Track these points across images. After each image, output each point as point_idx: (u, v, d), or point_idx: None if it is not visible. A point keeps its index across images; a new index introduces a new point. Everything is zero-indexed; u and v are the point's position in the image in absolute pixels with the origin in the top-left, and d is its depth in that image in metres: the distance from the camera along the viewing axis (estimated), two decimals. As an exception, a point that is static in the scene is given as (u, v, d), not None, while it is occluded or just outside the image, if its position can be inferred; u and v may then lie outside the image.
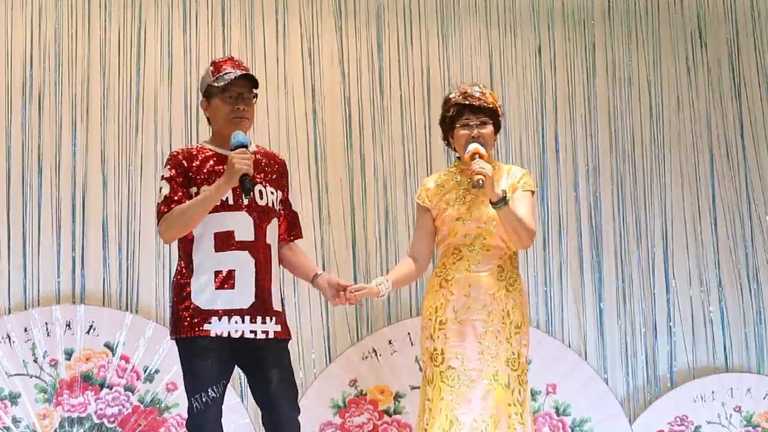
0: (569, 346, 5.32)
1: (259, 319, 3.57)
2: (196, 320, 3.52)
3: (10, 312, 4.89)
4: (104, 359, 4.88)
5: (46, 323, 4.85)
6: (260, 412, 3.66)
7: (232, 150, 3.52)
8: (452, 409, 3.86)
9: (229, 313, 3.53)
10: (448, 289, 3.96)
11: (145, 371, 4.90)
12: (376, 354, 5.15)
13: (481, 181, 3.79)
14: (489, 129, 4.01)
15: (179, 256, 3.67)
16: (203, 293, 3.54)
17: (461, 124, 4.01)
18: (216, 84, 3.64)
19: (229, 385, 3.67)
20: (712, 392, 5.35)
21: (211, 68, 3.72)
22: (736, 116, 5.72)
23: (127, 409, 4.87)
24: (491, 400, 3.87)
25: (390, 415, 5.12)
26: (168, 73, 5.22)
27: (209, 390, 3.50)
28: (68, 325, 4.87)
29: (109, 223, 5.06)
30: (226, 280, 3.54)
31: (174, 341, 3.64)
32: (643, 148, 5.65)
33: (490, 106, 4.01)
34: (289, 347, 3.74)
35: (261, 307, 3.58)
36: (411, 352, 5.15)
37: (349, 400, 5.09)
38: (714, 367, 5.49)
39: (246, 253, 3.58)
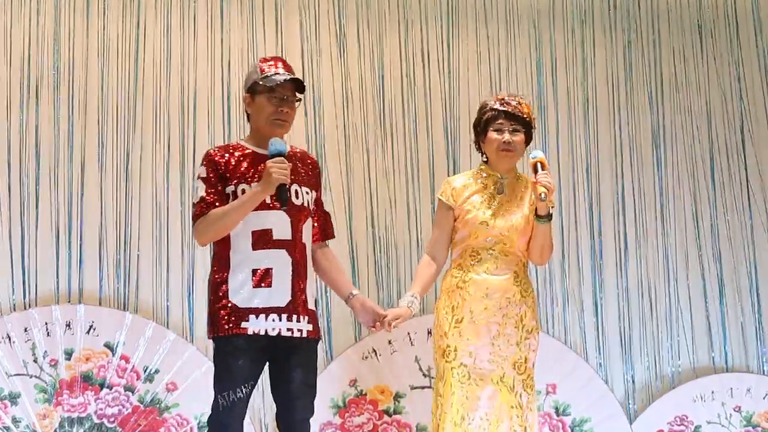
0: (569, 346, 5.32)
1: (294, 317, 3.57)
2: (233, 318, 3.52)
3: (10, 312, 4.88)
4: (104, 359, 4.88)
5: (46, 323, 4.85)
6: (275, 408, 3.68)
7: (270, 158, 3.53)
8: (462, 404, 3.92)
9: (267, 311, 3.53)
10: (465, 290, 4.02)
11: (145, 371, 4.90)
12: (376, 354, 5.15)
13: (544, 195, 3.87)
14: (521, 137, 4.07)
15: (213, 255, 3.67)
16: (241, 291, 3.54)
17: (494, 128, 4.07)
18: (263, 83, 3.64)
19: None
20: (712, 392, 5.36)
21: (260, 65, 3.70)
22: (736, 114, 5.72)
23: (127, 409, 4.87)
24: (496, 400, 3.94)
25: (390, 415, 5.13)
26: (167, 73, 5.22)
27: (238, 389, 3.51)
28: (68, 325, 4.87)
29: (108, 223, 5.06)
30: (263, 278, 3.55)
31: (211, 339, 3.63)
32: (644, 148, 5.65)
33: (525, 116, 4.07)
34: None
35: (297, 305, 3.59)
36: (411, 352, 5.15)
37: (349, 400, 5.09)
38: (714, 367, 5.49)
39: (283, 251, 3.58)
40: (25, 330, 4.84)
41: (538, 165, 3.95)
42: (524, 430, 3.95)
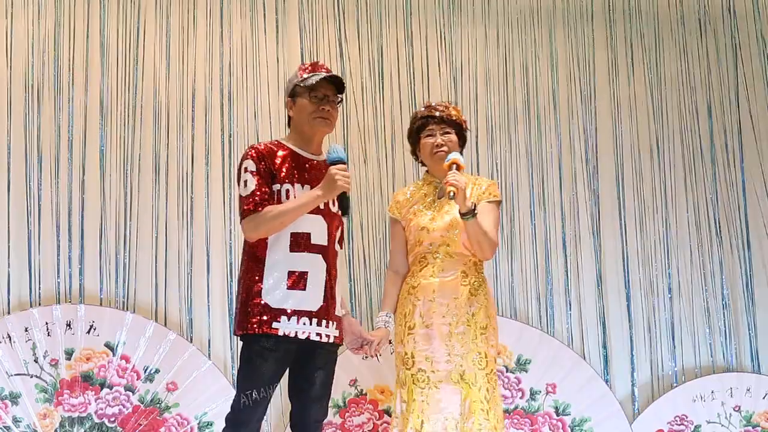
0: (569, 346, 5.32)
1: (324, 322, 3.62)
2: (265, 318, 3.54)
3: (10, 312, 4.89)
4: (104, 359, 4.88)
5: (47, 323, 4.86)
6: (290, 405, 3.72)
7: (330, 164, 3.56)
8: (423, 410, 4.02)
9: (299, 313, 3.56)
10: (414, 296, 4.14)
11: (145, 371, 4.90)
12: (377, 356, 5.14)
13: (452, 193, 3.95)
14: (452, 137, 4.20)
15: (245, 253, 3.68)
16: (275, 292, 3.56)
17: (426, 134, 4.23)
18: (303, 84, 3.67)
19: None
20: (712, 392, 5.35)
21: (299, 70, 3.76)
22: (734, 112, 5.73)
23: (127, 409, 4.87)
24: (459, 398, 4.02)
25: (390, 415, 5.12)
26: (167, 74, 5.23)
27: (262, 389, 3.53)
28: (68, 324, 4.87)
29: (109, 223, 5.07)
30: (298, 281, 3.58)
31: (238, 336, 3.65)
32: (644, 147, 5.65)
33: (453, 118, 4.22)
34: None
35: (328, 310, 3.63)
36: (411, 352, 5.16)
37: (349, 400, 5.09)
38: (714, 367, 5.49)
39: (319, 256, 3.62)
40: (26, 330, 4.84)
41: (454, 166, 4.04)
42: (489, 423, 4.03)
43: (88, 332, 4.89)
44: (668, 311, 5.52)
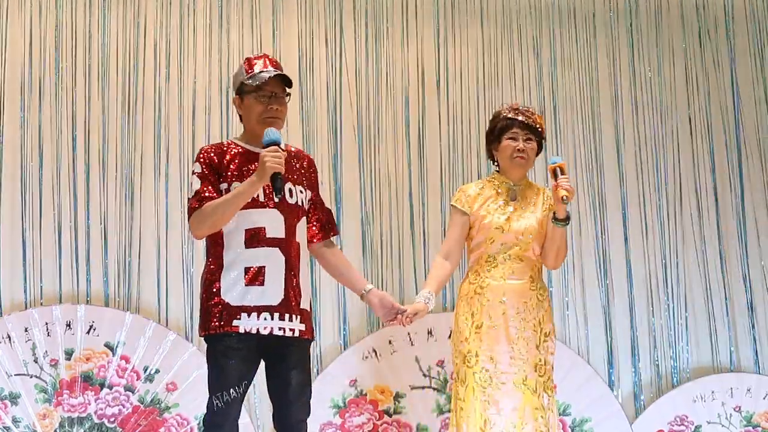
0: (569, 346, 5.32)
1: (287, 316, 3.55)
2: (225, 316, 3.51)
3: (10, 312, 4.89)
4: (104, 359, 4.88)
5: (47, 323, 4.86)
6: (271, 409, 3.67)
7: (264, 147, 3.51)
8: (485, 409, 4.00)
9: (259, 309, 3.52)
10: (483, 296, 4.09)
11: (145, 371, 4.90)
12: (376, 354, 5.15)
13: (565, 197, 3.98)
14: (533, 146, 4.18)
15: (207, 253, 3.66)
16: (233, 289, 3.53)
17: (509, 136, 4.17)
18: (250, 82, 3.64)
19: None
20: (712, 392, 5.36)
21: (245, 66, 3.69)
22: (732, 115, 5.74)
23: (127, 409, 4.87)
24: (520, 402, 4.01)
25: (390, 415, 5.13)
26: (167, 74, 5.23)
27: (231, 389, 3.50)
28: (68, 325, 4.87)
29: (109, 223, 5.06)
30: (256, 277, 3.53)
31: (202, 337, 3.62)
32: (646, 148, 5.65)
33: (538, 126, 4.18)
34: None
35: (289, 304, 3.57)
36: (411, 352, 5.16)
37: (349, 400, 5.09)
38: (714, 367, 5.49)
39: (276, 250, 3.56)
40: (26, 330, 4.84)
41: (558, 170, 4.06)
42: (548, 430, 4.02)
43: (88, 332, 4.89)
44: (669, 311, 5.51)
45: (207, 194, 3.54)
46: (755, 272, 5.60)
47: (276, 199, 3.53)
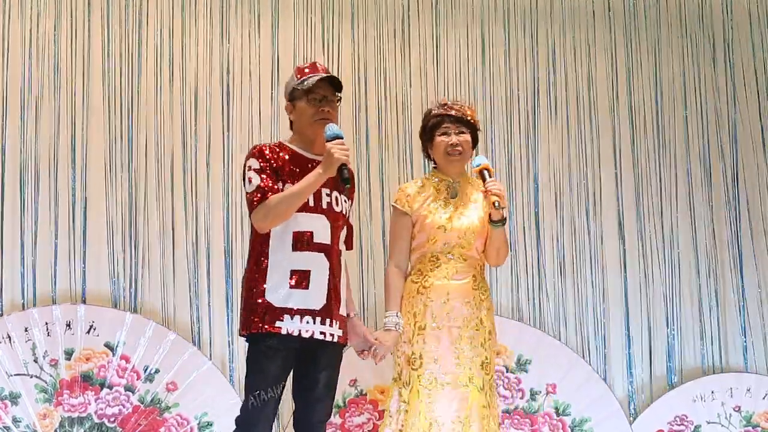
0: (569, 346, 5.32)
1: (328, 321, 3.61)
2: (268, 317, 3.54)
3: (11, 312, 4.89)
4: (104, 359, 4.88)
5: (47, 323, 4.85)
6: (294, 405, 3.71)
7: (327, 141, 3.55)
8: (431, 411, 3.98)
9: (302, 312, 3.56)
10: (426, 296, 4.08)
11: (145, 371, 4.90)
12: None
13: (497, 203, 3.94)
14: (466, 138, 4.15)
15: (250, 254, 3.68)
16: (278, 291, 3.56)
17: (440, 132, 4.16)
18: (300, 87, 3.68)
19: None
20: (712, 392, 5.36)
21: (295, 73, 3.76)
22: (730, 117, 5.74)
23: (127, 409, 4.87)
24: (467, 402, 4.00)
25: (390, 415, 5.12)
26: (169, 71, 5.23)
27: (270, 389, 3.53)
28: (68, 324, 4.87)
29: (109, 223, 5.06)
30: (301, 280, 3.57)
31: (243, 337, 3.66)
32: (644, 148, 5.66)
33: (469, 118, 4.16)
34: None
35: (331, 310, 3.62)
36: (411, 352, 5.16)
37: (349, 400, 5.09)
38: (714, 367, 5.49)
39: (322, 255, 3.61)
40: (26, 330, 4.84)
41: (485, 172, 4.03)
42: (495, 428, 4.03)
43: (88, 332, 4.89)
44: (668, 311, 5.51)
45: (268, 187, 3.56)
46: (755, 272, 5.60)
47: (346, 187, 3.58)
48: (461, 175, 4.21)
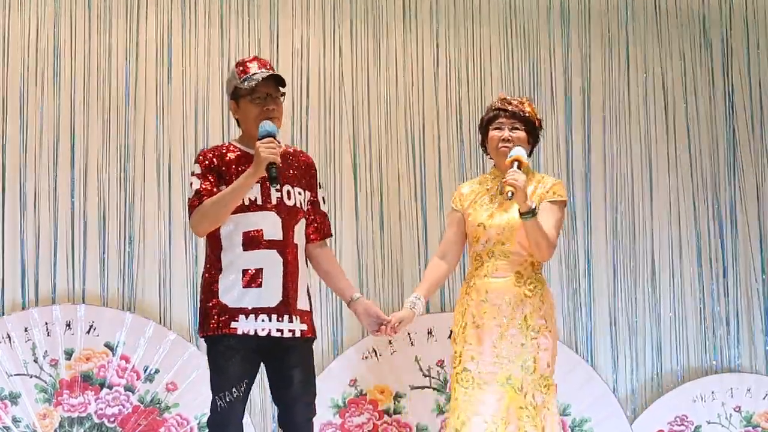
0: (569, 346, 5.32)
1: (285, 317, 3.57)
2: (223, 318, 3.53)
3: (11, 312, 4.89)
4: (104, 359, 4.88)
5: (46, 323, 4.86)
6: (276, 409, 3.69)
7: (258, 140, 3.51)
8: (465, 410, 3.94)
9: (257, 311, 3.54)
10: (469, 296, 4.05)
11: (145, 371, 4.90)
12: (376, 354, 5.15)
13: (511, 193, 3.85)
14: (521, 134, 4.06)
15: (206, 255, 3.68)
16: (231, 291, 3.55)
17: (495, 126, 4.09)
18: (243, 86, 3.64)
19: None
20: (712, 392, 5.36)
21: (237, 69, 3.70)
22: (726, 118, 5.74)
23: (127, 409, 4.87)
24: (503, 402, 3.93)
25: (390, 415, 5.13)
26: (168, 72, 5.23)
27: (233, 389, 3.51)
28: (68, 325, 4.87)
29: (109, 223, 5.07)
30: (254, 279, 3.55)
31: (202, 338, 3.64)
32: (643, 149, 5.66)
33: (527, 114, 4.07)
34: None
35: (287, 306, 3.58)
36: (411, 352, 5.16)
37: (349, 400, 5.09)
38: (714, 367, 5.49)
39: (274, 252, 3.58)
40: (26, 330, 4.84)
41: (515, 163, 3.92)
42: (536, 429, 3.92)
43: (88, 332, 4.89)
44: (669, 311, 5.51)
45: (207, 192, 3.55)
46: (756, 271, 5.60)
47: (273, 189, 3.52)
48: None
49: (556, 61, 5.63)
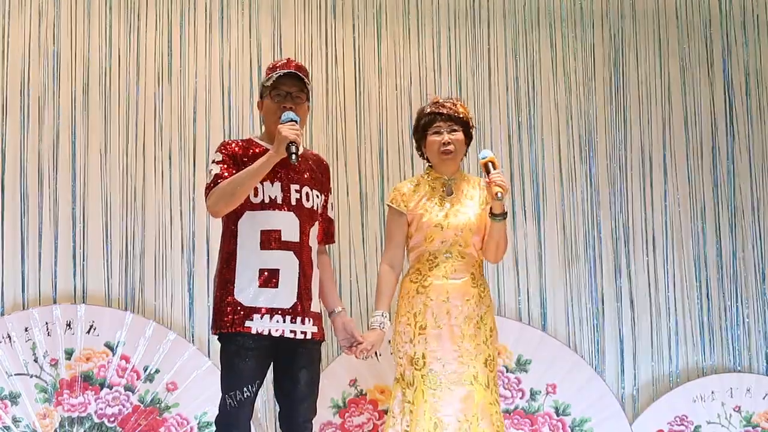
0: (569, 346, 5.32)
1: (299, 319, 3.59)
2: (237, 317, 3.54)
3: (11, 312, 4.89)
4: (104, 359, 4.88)
5: (47, 323, 4.86)
6: (277, 407, 3.72)
7: (281, 124, 3.52)
8: (435, 411, 3.97)
9: (271, 311, 3.55)
10: (426, 295, 4.07)
11: (145, 371, 4.90)
12: (376, 354, 5.14)
13: (500, 194, 3.90)
14: (459, 135, 4.14)
15: (221, 252, 3.68)
16: (247, 289, 3.56)
17: (433, 131, 4.14)
18: (266, 83, 3.67)
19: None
20: (712, 392, 5.35)
21: (267, 70, 3.76)
22: (725, 116, 5.74)
23: (127, 409, 4.87)
24: (473, 399, 3.99)
25: (390, 415, 5.12)
26: (168, 73, 5.23)
27: (245, 389, 3.52)
28: (68, 324, 4.87)
29: (109, 223, 5.07)
30: (270, 279, 3.56)
31: (216, 336, 3.65)
32: (643, 149, 5.65)
33: (461, 116, 4.15)
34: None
35: (302, 307, 3.60)
36: (411, 352, 5.15)
37: (349, 400, 5.09)
38: (714, 367, 5.49)
39: (291, 253, 3.60)
40: (26, 330, 4.84)
41: (490, 165, 3.98)
42: (502, 425, 4.04)
43: (88, 332, 4.89)
44: (669, 311, 5.51)
45: (224, 176, 3.54)
46: (756, 271, 5.60)
47: (293, 162, 3.49)
48: (456, 173, 4.20)
49: (556, 61, 5.62)
